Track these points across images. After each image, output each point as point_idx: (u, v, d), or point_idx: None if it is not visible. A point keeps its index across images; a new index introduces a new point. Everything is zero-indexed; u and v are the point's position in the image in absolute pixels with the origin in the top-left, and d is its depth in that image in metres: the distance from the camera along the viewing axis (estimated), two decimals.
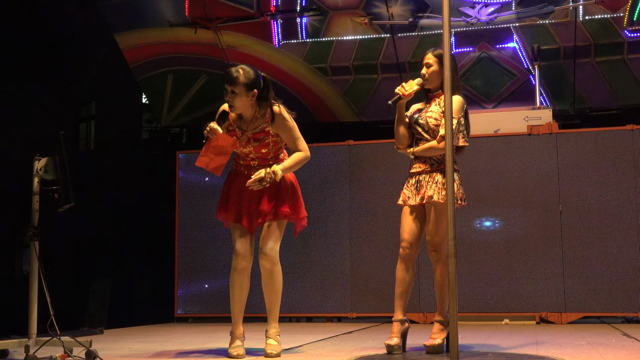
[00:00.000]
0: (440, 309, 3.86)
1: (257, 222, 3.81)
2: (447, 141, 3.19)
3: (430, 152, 3.86)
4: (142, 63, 9.01)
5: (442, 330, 3.82)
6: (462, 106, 3.87)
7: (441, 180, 3.81)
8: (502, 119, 7.05)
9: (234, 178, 3.91)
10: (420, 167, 3.90)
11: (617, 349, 4.01)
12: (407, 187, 3.95)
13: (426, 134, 3.90)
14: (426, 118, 3.89)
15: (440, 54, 3.83)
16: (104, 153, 13.25)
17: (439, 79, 3.88)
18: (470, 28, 7.88)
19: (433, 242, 3.82)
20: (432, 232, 3.82)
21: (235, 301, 3.85)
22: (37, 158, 3.82)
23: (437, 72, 3.87)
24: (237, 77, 3.66)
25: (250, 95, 3.68)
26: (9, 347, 3.74)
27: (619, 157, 6.45)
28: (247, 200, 3.79)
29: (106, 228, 11.72)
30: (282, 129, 3.80)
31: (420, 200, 3.84)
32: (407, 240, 3.87)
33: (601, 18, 7.73)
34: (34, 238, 3.72)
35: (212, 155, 3.71)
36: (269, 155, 3.87)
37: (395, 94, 3.86)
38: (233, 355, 3.69)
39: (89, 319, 11.30)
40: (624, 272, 6.30)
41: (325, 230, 7.00)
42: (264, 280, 3.87)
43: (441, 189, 3.78)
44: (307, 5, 8.24)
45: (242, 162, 3.89)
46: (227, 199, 3.88)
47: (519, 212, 6.58)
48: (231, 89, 3.66)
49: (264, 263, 3.83)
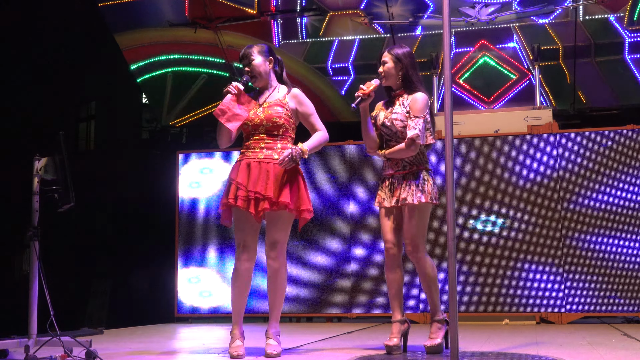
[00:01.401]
0: (434, 309, 3.86)
1: (262, 209, 3.72)
2: (447, 140, 3.19)
3: (401, 154, 3.83)
4: (142, 63, 9.01)
5: (439, 329, 3.84)
6: (426, 104, 3.84)
7: (414, 182, 3.80)
8: (502, 119, 7.06)
9: (240, 167, 3.83)
10: (393, 169, 3.89)
11: (617, 349, 4.01)
12: (381, 189, 3.94)
13: (394, 135, 3.87)
14: (391, 120, 3.86)
15: (396, 51, 3.91)
16: (104, 153, 13.25)
17: (396, 77, 3.89)
18: (470, 28, 7.88)
19: (411, 244, 3.80)
20: (408, 234, 3.81)
21: (236, 302, 3.84)
22: (37, 158, 3.82)
23: (392, 68, 3.88)
24: (250, 48, 3.92)
25: (268, 62, 3.91)
26: (9, 347, 3.74)
27: (619, 157, 6.45)
28: (252, 186, 3.74)
29: (106, 228, 11.72)
30: (301, 103, 3.92)
31: (395, 203, 3.83)
32: (390, 240, 3.87)
33: (601, 18, 7.72)
34: (34, 238, 3.72)
35: (231, 111, 3.77)
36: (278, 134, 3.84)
37: (356, 97, 3.83)
38: (233, 355, 3.68)
39: (89, 319, 11.30)
40: (624, 272, 6.30)
41: (325, 229, 7.00)
42: (270, 279, 3.85)
43: (415, 191, 3.77)
44: (307, 5, 8.24)
45: (250, 152, 3.86)
46: (231, 184, 3.82)
47: (519, 212, 6.58)
48: (248, 60, 3.89)
49: (272, 263, 3.81)
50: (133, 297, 10.64)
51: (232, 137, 3.89)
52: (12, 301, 7.82)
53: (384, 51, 3.97)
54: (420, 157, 3.87)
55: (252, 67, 3.89)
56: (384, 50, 3.97)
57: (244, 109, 3.81)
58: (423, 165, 3.86)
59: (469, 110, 7.72)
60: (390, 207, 3.86)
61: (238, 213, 3.81)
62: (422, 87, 3.91)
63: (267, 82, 3.94)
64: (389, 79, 3.91)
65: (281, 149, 3.83)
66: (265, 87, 3.95)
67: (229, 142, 3.90)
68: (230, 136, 3.87)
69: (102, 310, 11.47)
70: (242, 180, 3.76)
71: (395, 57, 3.89)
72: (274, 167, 3.77)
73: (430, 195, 3.79)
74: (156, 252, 9.04)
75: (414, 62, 3.95)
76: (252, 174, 3.75)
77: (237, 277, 3.82)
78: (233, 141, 3.92)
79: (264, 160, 3.79)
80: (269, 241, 3.82)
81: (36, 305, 3.77)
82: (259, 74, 3.90)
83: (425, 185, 3.80)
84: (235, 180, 3.78)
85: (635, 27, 7.68)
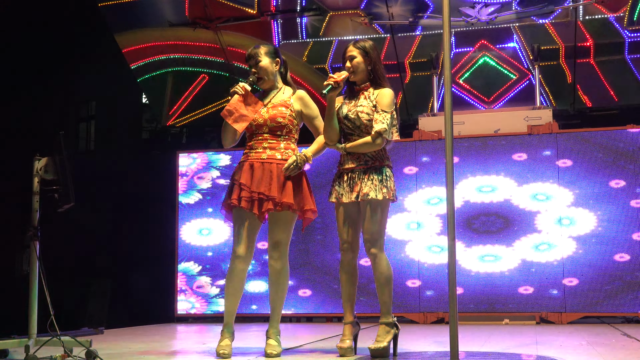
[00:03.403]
0: (385, 310, 3.71)
1: (265, 209, 3.72)
2: (447, 140, 3.19)
3: (364, 147, 3.70)
4: (142, 63, 9.01)
5: (387, 332, 3.69)
6: (393, 99, 3.75)
7: (377, 177, 3.69)
8: (502, 119, 7.06)
9: (243, 167, 3.82)
10: (354, 163, 3.74)
11: (617, 349, 4.01)
12: (339, 185, 3.79)
13: (357, 129, 3.75)
14: (357, 112, 3.73)
15: (362, 45, 3.77)
16: (104, 153, 13.24)
17: (364, 71, 3.78)
18: (470, 28, 7.88)
19: (371, 240, 3.69)
20: (368, 230, 3.69)
21: (229, 301, 3.84)
22: (37, 158, 3.83)
23: (362, 62, 3.76)
24: (258, 49, 3.90)
25: (275, 63, 3.91)
26: (9, 347, 3.74)
27: (619, 157, 6.46)
28: (256, 187, 3.73)
29: (106, 228, 11.71)
30: (306, 105, 3.92)
31: (355, 198, 3.69)
32: (346, 240, 3.76)
33: (601, 18, 7.72)
34: (34, 238, 3.72)
35: (238, 112, 3.78)
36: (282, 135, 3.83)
37: (325, 85, 3.70)
38: (219, 354, 3.69)
39: (89, 319, 11.29)
40: (624, 272, 6.30)
41: (325, 229, 7.00)
42: (272, 279, 3.85)
43: (378, 186, 3.66)
44: (307, 5, 8.24)
45: (253, 153, 3.84)
46: (234, 185, 3.81)
47: (519, 212, 6.58)
48: (255, 61, 3.87)
49: (274, 263, 3.81)
50: (133, 297, 10.63)
51: (237, 137, 3.90)
52: (12, 301, 7.82)
53: (348, 45, 3.82)
54: (382, 152, 3.75)
55: (260, 68, 3.87)
56: (349, 45, 3.82)
57: (250, 110, 3.81)
58: (385, 162, 3.75)
59: (469, 110, 7.72)
60: (348, 202, 3.73)
61: (238, 213, 3.80)
62: (387, 81, 3.82)
63: (273, 84, 3.94)
64: (358, 73, 3.78)
65: (284, 149, 3.83)
66: (271, 89, 3.94)
67: (233, 142, 3.91)
68: (235, 136, 3.88)
69: (102, 310, 11.46)
70: (246, 181, 3.75)
71: (363, 51, 3.77)
72: (277, 167, 3.77)
73: (392, 192, 3.70)
74: (156, 252, 9.03)
75: (379, 55, 3.86)
76: (256, 175, 3.75)
77: (232, 277, 3.81)
78: (237, 141, 3.93)
79: (267, 161, 3.78)
80: (271, 241, 3.81)
81: (36, 305, 3.77)
82: (266, 75, 3.89)
83: (388, 181, 3.70)
84: (238, 181, 3.78)
85: (635, 27, 7.68)
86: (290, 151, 3.84)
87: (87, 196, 6.58)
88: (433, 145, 6.88)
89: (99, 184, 11.01)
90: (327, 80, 3.70)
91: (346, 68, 3.79)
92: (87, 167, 11.50)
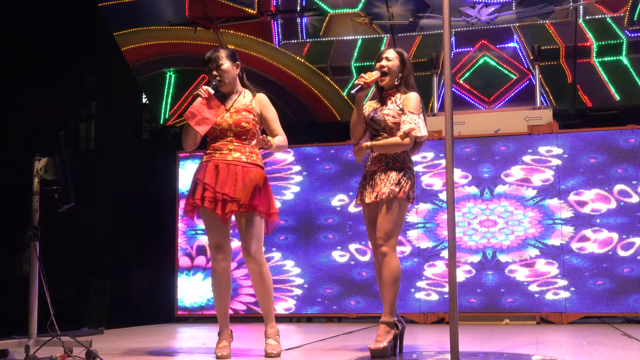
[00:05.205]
0: (388, 310, 3.71)
1: (229, 210, 3.72)
2: (447, 140, 3.19)
3: (391, 148, 3.77)
4: (142, 63, 9.01)
5: (388, 332, 3.69)
6: (420, 102, 3.83)
7: (395, 177, 3.73)
8: (502, 119, 7.06)
9: (206, 167, 3.84)
10: (376, 165, 3.82)
11: (617, 349, 4.01)
12: (362, 186, 3.88)
13: (382, 131, 3.82)
14: (383, 115, 3.81)
15: (401, 52, 3.88)
16: (104, 153, 13.23)
17: (395, 76, 3.84)
18: (470, 28, 7.87)
19: (383, 237, 3.71)
20: (381, 227, 3.72)
21: (219, 302, 3.85)
22: (37, 158, 3.83)
23: (397, 66, 3.83)
24: (218, 52, 3.92)
25: (235, 66, 3.92)
26: (9, 347, 3.74)
27: (619, 157, 6.46)
28: (220, 187, 3.74)
29: (106, 228, 11.69)
30: (266, 107, 3.92)
31: (375, 198, 3.76)
32: (372, 241, 3.85)
33: (601, 18, 7.72)
34: (34, 238, 3.72)
35: (200, 114, 3.79)
36: (246, 138, 3.85)
37: (355, 85, 3.76)
38: (218, 356, 3.70)
39: (89, 319, 11.29)
40: (624, 272, 6.30)
41: (325, 229, 7.00)
42: (254, 282, 3.86)
43: (395, 186, 3.70)
44: (307, 5, 8.23)
45: (218, 154, 3.84)
46: (197, 185, 3.82)
47: (519, 212, 6.58)
48: (217, 64, 3.87)
49: (252, 266, 3.80)
50: (133, 297, 10.62)
51: (198, 140, 3.91)
52: (12, 301, 7.81)
53: (388, 48, 3.93)
54: (404, 155, 3.80)
55: (222, 71, 3.88)
56: (388, 48, 3.93)
57: (213, 113, 3.83)
58: (407, 164, 3.80)
59: (469, 110, 7.72)
60: (370, 203, 3.80)
61: (207, 214, 3.81)
62: (416, 89, 3.89)
63: (233, 87, 3.95)
64: (389, 75, 3.84)
65: (249, 153, 3.85)
66: (231, 92, 3.95)
67: (194, 145, 3.92)
68: (196, 139, 3.90)
69: (102, 310, 11.45)
70: (210, 181, 3.76)
71: (402, 57, 3.86)
72: (242, 170, 3.78)
73: (406, 192, 3.72)
74: (156, 252, 9.02)
75: (412, 67, 3.95)
76: (221, 176, 3.76)
77: (216, 278, 3.82)
78: (198, 144, 3.94)
79: (233, 163, 3.79)
80: (245, 247, 3.80)
81: (36, 305, 3.77)
82: (228, 79, 3.90)
83: (405, 182, 3.73)
84: (202, 181, 3.79)
85: (635, 27, 7.67)
86: (255, 155, 3.86)
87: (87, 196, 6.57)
88: (433, 145, 6.88)
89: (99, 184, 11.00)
90: (358, 80, 3.76)
91: (378, 67, 3.85)
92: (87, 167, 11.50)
